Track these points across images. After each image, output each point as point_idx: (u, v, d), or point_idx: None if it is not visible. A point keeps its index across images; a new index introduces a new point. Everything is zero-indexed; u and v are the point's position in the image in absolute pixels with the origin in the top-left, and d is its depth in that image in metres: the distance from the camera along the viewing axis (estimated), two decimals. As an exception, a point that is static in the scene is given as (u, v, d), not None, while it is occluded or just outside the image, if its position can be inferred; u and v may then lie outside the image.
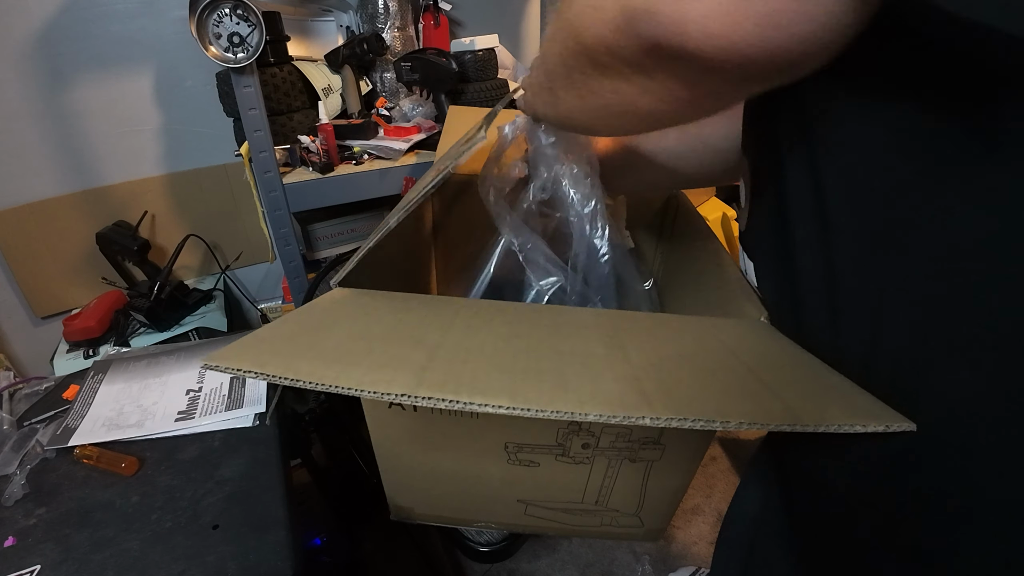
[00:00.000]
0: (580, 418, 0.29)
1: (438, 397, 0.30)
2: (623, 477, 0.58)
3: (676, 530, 1.23)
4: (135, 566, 0.53)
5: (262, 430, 0.70)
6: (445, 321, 0.41)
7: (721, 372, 0.34)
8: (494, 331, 0.40)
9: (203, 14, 0.78)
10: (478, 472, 0.62)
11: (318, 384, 0.31)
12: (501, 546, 0.79)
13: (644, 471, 0.57)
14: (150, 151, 1.24)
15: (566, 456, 0.57)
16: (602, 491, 0.60)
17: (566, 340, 0.39)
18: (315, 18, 1.27)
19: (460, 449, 0.58)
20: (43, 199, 1.16)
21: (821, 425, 0.27)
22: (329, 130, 1.00)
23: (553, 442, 0.56)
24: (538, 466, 0.59)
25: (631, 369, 0.34)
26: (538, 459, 0.58)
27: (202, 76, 1.20)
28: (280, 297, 1.46)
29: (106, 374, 0.80)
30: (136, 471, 0.64)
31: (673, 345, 0.40)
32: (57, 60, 1.09)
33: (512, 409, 0.29)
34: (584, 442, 0.56)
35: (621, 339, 0.40)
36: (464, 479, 0.63)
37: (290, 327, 0.39)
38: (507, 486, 0.63)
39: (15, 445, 0.67)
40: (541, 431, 0.55)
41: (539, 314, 0.46)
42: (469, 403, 0.30)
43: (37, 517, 0.58)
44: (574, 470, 0.58)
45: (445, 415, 0.55)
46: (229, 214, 1.36)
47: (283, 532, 0.56)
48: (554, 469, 0.58)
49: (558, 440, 0.56)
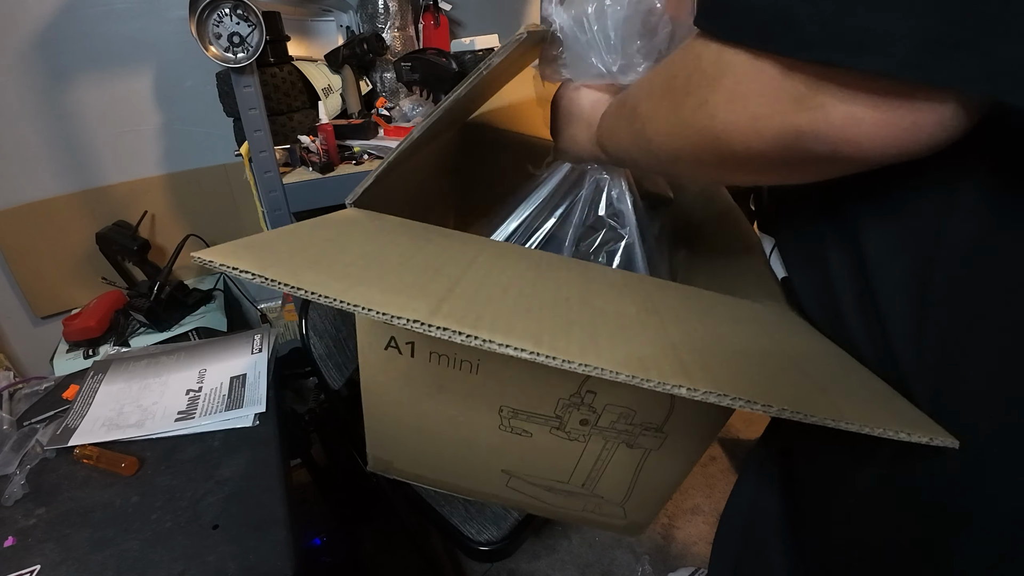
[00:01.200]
0: (610, 376, 0.26)
1: (455, 329, 0.26)
2: (616, 462, 0.54)
3: (676, 530, 1.23)
4: (135, 566, 0.53)
5: (262, 430, 0.70)
6: (468, 256, 0.38)
7: (762, 356, 0.32)
8: (521, 274, 0.37)
9: (203, 14, 0.78)
10: (467, 434, 0.58)
11: (322, 296, 0.27)
12: (501, 546, 0.79)
13: (639, 459, 0.53)
14: (150, 151, 1.24)
15: (562, 430, 0.53)
16: (592, 474, 0.57)
17: (597, 296, 0.37)
18: (315, 18, 1.27)
19: (452, 405, 0.54)
20: (43, 199, 1.16)
21: (867, 427, 0.26)
22: (329, 130, 1.00)
23: (551, 413, 0.52)
24: (530, 436, 0.55)
25: (667, 336, 0.32)
26: (531, 429, 0.55)
27: (202, 76, 1.20)
28: (280, 297, 1.46)
29: (106, 374, 0.80)
30: (136, 471, 0.64)
31: (710, 320, 0.38)
32: (57, 60, 1.09)
33: (536, 355, 0.26)
34: (583, 418, 0.52)
35: (656, 305, 0.37)
36: (451, 439, 0.59)
37: (300, 236, 0.35)
38: (494, 453, 0.59)
39: (15, 445, 0.67)
40: (541, 398, 0.51)
41: (568, 265, 0.44)
42: (489, 340, 0.27)
43: (37, 517, 0.58)
44: (567, 447, 0.55)
45: (444, 366, 0.51)
46: (229, 214, 1.36)
47: (283, 532, 0.56)
48: (546, 442, 0.55)
49: (556, 412, 0.52)
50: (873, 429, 0.26)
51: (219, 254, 0.29)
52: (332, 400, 0.92)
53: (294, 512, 0.60)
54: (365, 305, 0.27)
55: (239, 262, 0.28)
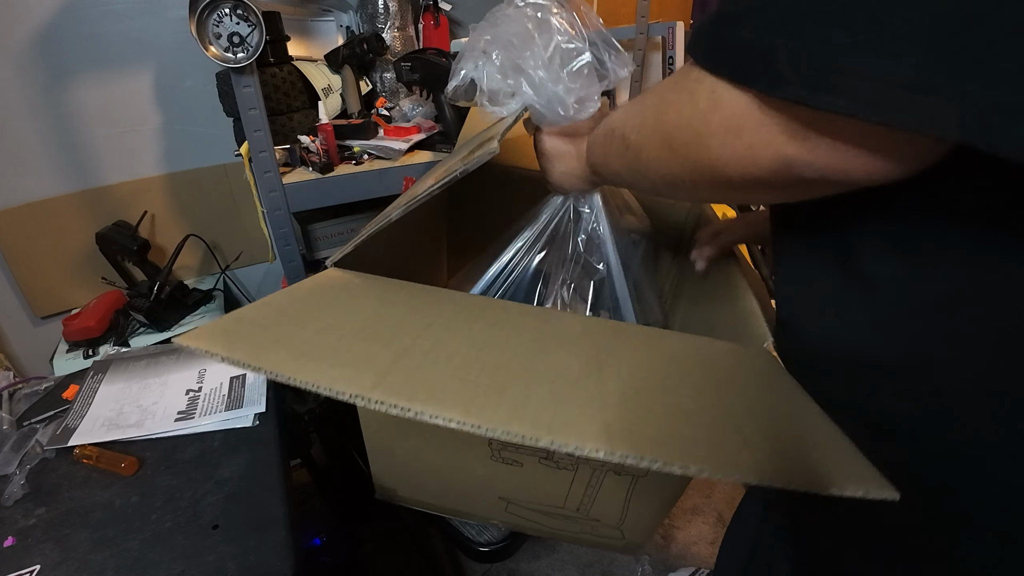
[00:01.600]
0: (531, 442, 0.28)
1: (391, 403, 0.30)
2: (607, 488, 0.56)
3: (676, 530, 1.23)
4: (135, 566, 0.53)
5: (262, 430, 0.70)
6: (425, 320, 0.41)
7: (697, 412, 0.33)
8: (471, 337, 0.39)
9: (203, 14, 0.78)
10: (461, 465, 0.61)
11: (279, 375, 0.32)
12: (501, 546, 0.79)
13: (629, 485, 0.55)
14: (150, 151, 1.24)
15: (550, 460, 0.55)
16: (584, 500, 0.59)
17: (543, 355, 0.38)
18: (315, 18, 1.27)
19: (444, 442, 0.57)
20: (43, 199, 1.16)
21: (791, 484, 0.27)
22: (329, 130, 1.00)
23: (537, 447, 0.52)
24: (521, 466, 0.58)
25: (602, 395, 0.33)
26: (521, 460, 0.57)
27: (202, 76, 1.20)
28: (280, 297, 1.46)
29: (106, 374, 0.80)
30: (136, 471, 0.64)
31: (656, 370, 0.39)
32: (57, 60, 1.09)
33: (463, 424, 0.29)
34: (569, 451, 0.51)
35: (603, 358, 0.39)
36: (447, 471, 0.62)
37: (270, 311, 0.40)
38: (489, 482, 0.62)
39: (15, 445, 0.67)
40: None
41: (525, 318, 0.46)
42: (420, 412, 0.29)
43: (37, 517, 0.58)
44: (557, 475, 0.57)
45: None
46: (229, 214, 1.36)
47: (283, 532, 0.56)
48: (537, 471, 0.57)
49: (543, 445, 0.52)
50: (788, 485, 0.27)
51: (198, 339, 0.33)
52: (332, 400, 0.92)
53: (294, 512, 0.60)
54: (314, 382, 0.31)
55: (212, 346, 0.33)
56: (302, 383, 0.32)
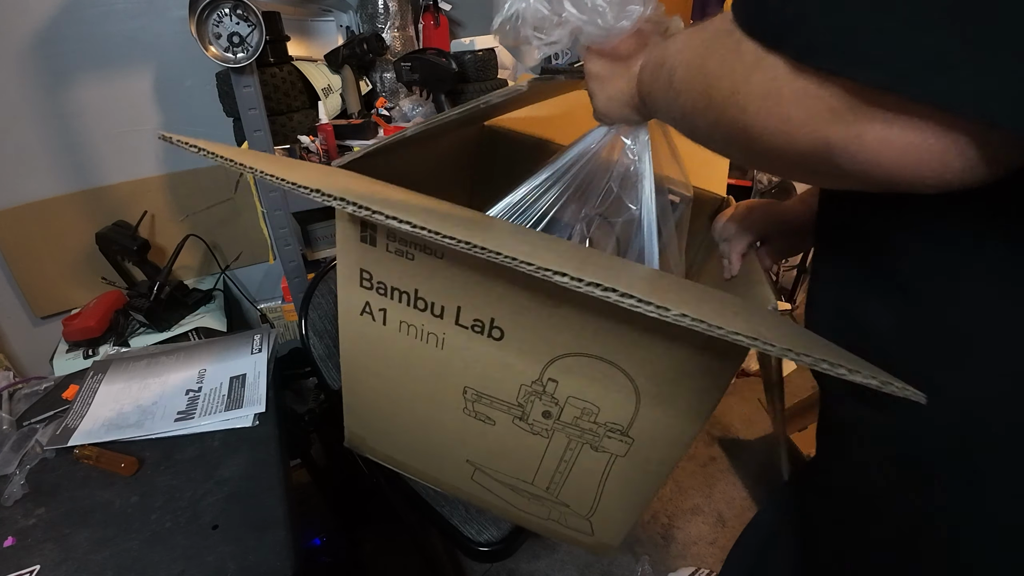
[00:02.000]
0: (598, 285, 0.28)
1: (460, 239, 0.29)
2: (581, 466, 0.52)
3: (676, 530, 1.23)
4: (134, 566, 0.53)
5: (262, 430, 0.70)
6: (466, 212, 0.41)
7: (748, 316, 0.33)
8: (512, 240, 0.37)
9: (203, 14, 0.78)
10: (433, 413, 0.57)
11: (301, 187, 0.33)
12: (501, 546, 0.79)
13: (605, 466, 0.51)
14: (150, 151, 1.24)
15: (524, 421, 0.51)
16: (556, 476, 0.55)
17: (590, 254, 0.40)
18: (315, 18, 1.27)
19: (419, 381, 0.54)
20: (43, 199, 1.16)
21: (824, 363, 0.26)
22: (329, 130, 1.00)
23: (513, 400, 0.50)
24: (493, 425, 0.54)
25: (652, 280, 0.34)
26: (494, 416, 0.53)
27: (202, 76, 1.20)
28: (280, 297, 1.46)
29: (106, 374, 0.80)
30: (136, 471, 0.64)
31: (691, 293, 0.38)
32: (57, 60, 1.09)
33: (531, 266, 0.28)
34: (546, 409, 0.50)
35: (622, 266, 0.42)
36: (419, 418, 0.59)
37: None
38: (459, 440, 0.58)
39: (15, 445, 0.67)
40: (503, 382, 0.50)
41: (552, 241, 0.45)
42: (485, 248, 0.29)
43: (37, 517, 0.58)
44: (529, 441, 0.53)
45: (412, 337, 0.51)
46: (229, 214, 1.36)
47: (282, 532, 0.56)
48: (509, 433, 0.53)
49: (518, 399, 0.50)
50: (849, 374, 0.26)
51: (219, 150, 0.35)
52: (332, 400, 0.92)
53: (294, 512, 0.60)
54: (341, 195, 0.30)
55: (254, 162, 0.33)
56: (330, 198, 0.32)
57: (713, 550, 1.18)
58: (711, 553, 1.18)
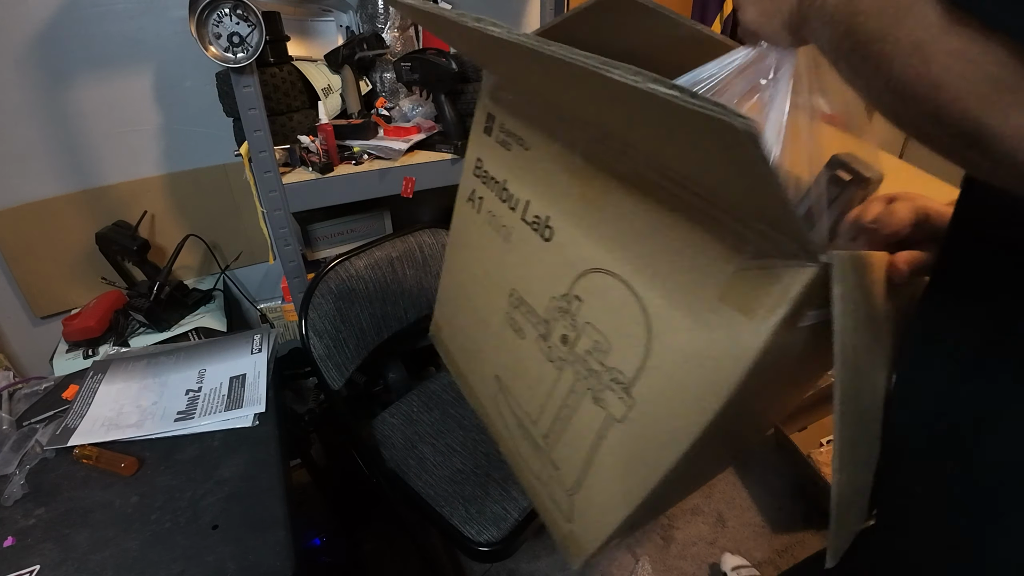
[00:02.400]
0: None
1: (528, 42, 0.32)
2: (579, 419, 0.51)
3: (676, 531, 1.23)
4: (134, 566, 0.53)
5: (262, 430, 0.70)
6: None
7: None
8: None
9: (203, 14, 0.78)
10: (484, 313, 0.63)
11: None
12: (500, 546, 0.79)
13: (600, 429, 0.48)
14: (150, 151, 1.24)
15: (545, 341, 0.53)
16: (555, 424, 0.54)
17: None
18: (315, 18, 1.27)
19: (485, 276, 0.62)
20: (43, 199, 1.16)
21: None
22: (329, 130, 1.00)
23: (542, 314, 0.53)
24: (523, 339, 0.56)
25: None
26: (525, 329, 0.55)
27: (202, 76, 1.20)
28: (280, 297, 1.46)
29: (105, 374, 0.80)
30: (135, 471, 0.64)
31: None
32: (57, 60, 1.09)
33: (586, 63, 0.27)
34: (565, 333, 0.50)
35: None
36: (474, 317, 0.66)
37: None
38: (494, 348, 0.62)
39: (14, 445, 0.67)
40: (541, 289, 0.52)
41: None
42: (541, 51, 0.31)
43: (36, 517, 0.58)
44: (545, 368, 0.53)
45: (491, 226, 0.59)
46: (229, 214, 1.36)
47: (282, 532, 0.56)
48: (531, 352, 0.55)
49: (546, 314, 0.52)
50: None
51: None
52: (332, 400, 0.92)
53: (294, 512, 0.60)
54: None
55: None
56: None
57: (713, 550, 1.18)
58: (711, 553, 1.18)
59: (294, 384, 1.35)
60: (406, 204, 1.19)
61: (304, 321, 0.88)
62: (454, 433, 0.99)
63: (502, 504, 0.84)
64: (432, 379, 1.13)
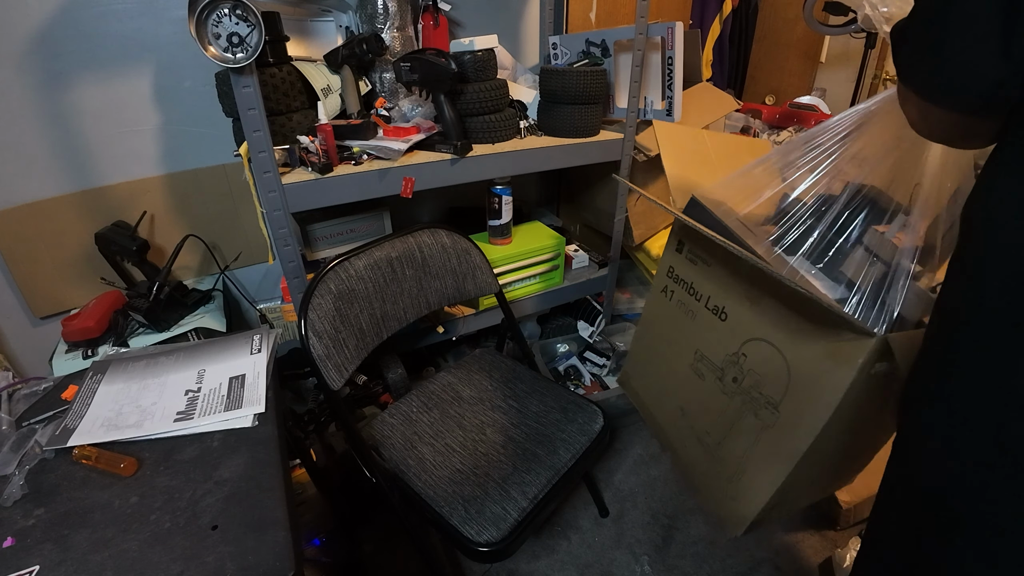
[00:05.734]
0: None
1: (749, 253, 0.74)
2: (741, 427, 0.81)
3: (676, 531, 1.23)
4: (134, 567, 0.53)
5: (261, 430, 0.70)
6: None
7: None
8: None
9: (202, 14, 0.78)
10: (673, 364, 0.96)
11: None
12: (500, 546, 0.79)
13: (757, 432, 0.79)
14: (149, 151, 1.24)
15: (721, 381, 0.85)
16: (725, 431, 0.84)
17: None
18: (314, 18, 1.27)
19: (675, 340, 0.96)
20: (42, 199, 1.16)
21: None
22: (328, 130, 1.00)
23: (719, 364, 0.86)
24: (703, 380, 0.89)
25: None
26: (706, 374, 0.88)
27: (202, 76, 1.20)
28: (279, 297, 1.46)
29: (105, 374, 0.80)
30: (135, 472, 0.64)
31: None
32: (56, 60, 1.09)
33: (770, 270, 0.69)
34: (735, 375, 0.83)
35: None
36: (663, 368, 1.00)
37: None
38: (678, 386, 0.96)
39: (14, 445, 0.67)
40: (718, 349, 0.86)
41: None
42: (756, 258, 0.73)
43: (36, 518, 0.58)
44: (720, 398, 0.85)
45: (680, 311, 0.95)
46: (228, 214, 1.36)
47: (282, 532, 0.56)
48: (710, 388, 0.87)
49: (722, 364, 0.85)
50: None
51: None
52: (332, 400, 0.92)
53: (293, 512, 0.60)
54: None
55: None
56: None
57: (713, 550, 1.18)
58: (711, 553, 1.18)
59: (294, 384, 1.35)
60: (406, 204, 1.19)
61: (304, 321, 0.88)
62: (453, 433, 0.99)
63: (502, 504, 0.83)
64: (432, 379, 1.13)
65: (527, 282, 1.41)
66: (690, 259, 0.95)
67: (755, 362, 0.80)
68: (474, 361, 1.20)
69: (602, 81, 1.24)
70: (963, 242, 0.46)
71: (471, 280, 1.15)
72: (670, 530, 1.23)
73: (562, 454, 0.94)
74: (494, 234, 1.36)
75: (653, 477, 1.37)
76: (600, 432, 0.98)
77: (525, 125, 1.27)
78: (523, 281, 1.40)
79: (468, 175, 1.12)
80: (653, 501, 1.30)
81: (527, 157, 1.19)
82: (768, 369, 0.77)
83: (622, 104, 1.38)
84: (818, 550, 1.17)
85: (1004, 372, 0.40)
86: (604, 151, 1.31)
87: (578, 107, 1.24)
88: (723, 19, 2.05)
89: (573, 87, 1.20)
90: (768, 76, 2.25)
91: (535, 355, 1.48)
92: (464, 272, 1.13)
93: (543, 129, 1.30)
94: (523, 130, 1.26)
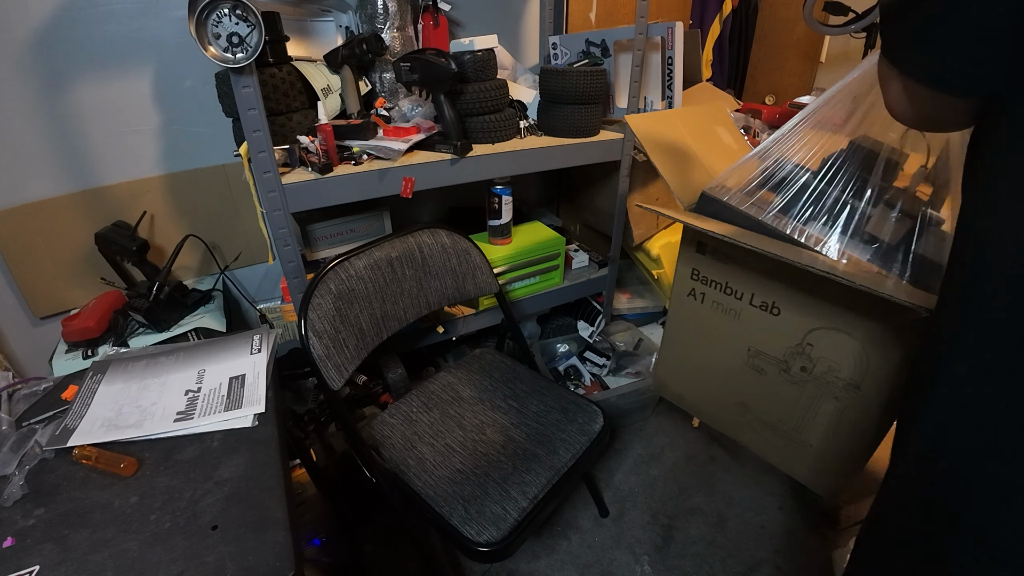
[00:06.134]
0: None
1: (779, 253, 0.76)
2: (822, 410, 0.83)
3: (676, 531, 1.23)
4: (134, 567, 0.53)
5: (261, 430, 0.70)
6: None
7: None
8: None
9: (202, 14, 0.78)
10: (722, 364, 0.95)
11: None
12: (500, 546, 0.79)
13: (840, 412, 0.81)
14: (149, 151, 1.24)
15: (787, 373, 0.86)
16: (804, 415, 0.85)
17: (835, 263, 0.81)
18: (314, 18, 1.27)
19: (718, 341, 0.95)
20: (42, 199, 1.16)
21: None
22: (328, 130, 1.00)
23: (781, 357, 0.86)
24: (764, 375, 0.89)
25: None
26: (766, 368, 0.89)
27: (202, 76, 1.20)
28: (279, 297, 1.46)
29: (105, 374, 0.80)
30: (135, 472, 0.64)
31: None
32: (56, 60, 1.09)
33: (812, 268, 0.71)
34: (803, 365, 0.83)
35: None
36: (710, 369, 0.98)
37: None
38: (737, 385, 0.95)
39: (14, 445, 0.67)
40: (776, 344, 0.85)
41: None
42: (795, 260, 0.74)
43: (36, 518, 0.58)
44: (789, 388, 0.86)
45: (719, 312, 0.93)
46: (228, 214, 1.36)
47: (282, 532, 0.56)
48: (774, 381, 0.87)
49: (784, 357, 0.85)
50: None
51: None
52: (332, 400, 0.92)
53: (293, 512, 0.60)
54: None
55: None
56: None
57: (713, 550, 1.18)
58: (711, 553, 1.18)
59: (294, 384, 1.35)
60: (406, 204, 1.19)
61: (304, 321, 0.88)
62: (453, 433, 0.99)
63: (502, 504, 0.84)
64: (432, 379, 1.13)
65: (527, 282, 1.41)
66: (717, 259, 0.95)
67: (824, 349, 0.82)
68: (474, 361, 1.20)
69: (602, 81, 1.24)
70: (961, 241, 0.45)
71: (471, 280, 1.15)
72: (670, 530, 1.23)
73: (562, 454, 0.94)
74: (494, 234, 1.36)
75: (653, 477, 1.37)
76: (600, 432, 0.99)
77: (525, 125, 1.27)
78: (523, 281, 1.40)
79: (468, 175, 1.12)
80: (653, 501, 1.30)
81: (527, 157, 1.19)
82: (841, 355, 0.80)
83: (622, 104, 1.38)
84: (818, 550, 1.17)
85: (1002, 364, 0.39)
86: (604, 151, 1.31)
87: (578, 107, 1.24)
88: (723, 19, 2.06)
89: (573, 87, 1.20)
90: (768, 76, 2.25)
91: (535, 355, 1.48)
92: (464, 272, 1.13)
93: (543, 129, 1.31)
94: (523, 130, 1.26)
